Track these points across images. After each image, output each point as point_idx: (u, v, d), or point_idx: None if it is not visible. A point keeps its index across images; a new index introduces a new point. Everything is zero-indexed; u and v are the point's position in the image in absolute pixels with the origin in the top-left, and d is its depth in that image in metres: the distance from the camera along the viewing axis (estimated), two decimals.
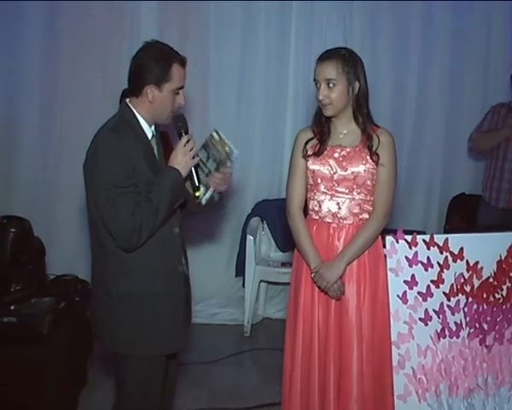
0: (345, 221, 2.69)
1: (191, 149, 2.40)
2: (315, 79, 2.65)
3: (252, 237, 4.59)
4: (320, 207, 2.72)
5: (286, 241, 4.78)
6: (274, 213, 4.80)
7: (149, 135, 2.42)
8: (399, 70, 4.93)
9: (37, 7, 4.54)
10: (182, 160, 2.38)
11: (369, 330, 2.69)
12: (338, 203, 2.69)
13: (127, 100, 2.41)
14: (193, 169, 2.43)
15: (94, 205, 2.33)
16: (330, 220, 2.71)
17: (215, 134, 2.46)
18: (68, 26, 4.60)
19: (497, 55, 4.95)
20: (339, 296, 2.66)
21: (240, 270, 4.81)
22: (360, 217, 2.69)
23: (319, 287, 2.67)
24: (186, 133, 2.43)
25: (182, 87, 2.41)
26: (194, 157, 2.41)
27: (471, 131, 4.37)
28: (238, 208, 4.88)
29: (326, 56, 2.63)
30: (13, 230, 3.51)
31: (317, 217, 2.73)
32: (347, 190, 2.67)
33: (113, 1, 4.62)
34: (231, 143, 2.44)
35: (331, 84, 2.59)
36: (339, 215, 2.69)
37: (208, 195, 2.52)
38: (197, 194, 2.46)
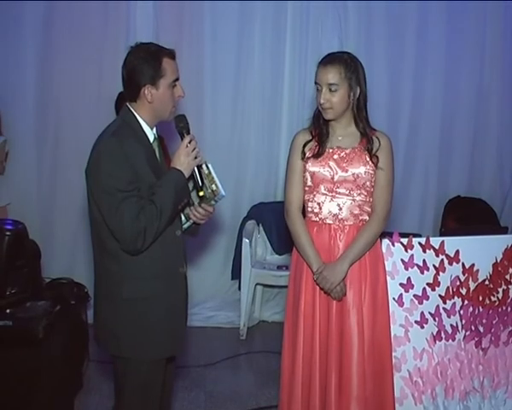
0: (346, 222, 2.69)
1: (193, 149, 2.38)
2: (316, 83, 2.65)
3: (247, 240, 4.58)
4: (320, 208, 2.71)
5: (282, 244, 4.79)
6: (270, 216, 4.81)
7: (151, 138, 2.41)
8: (394, 73, 4.93)
9: (34, 7, 4.53)
10: (184, 160, 2.37)
11: (369, 331, 2.69)
12: (339, 204, 2.69)
13: (127, 103, 2.40)
14: (196, 169, 2.40)
15: (97, 209, 2.31)
16: (331, 222, 2.70)
17: (205, 167, 2.43)
18: (63, 29, 4.59)
19: (493, 59, 4.96)
20: (341, 298, 2.66)
21: (236, 273, 4.80)
22: (360, 218, 2.69)
23: (322, 289, 2.67)
24: (188, 133, 2.41)
25: (177, 79, 2.39)
26: (196, 157, 2.39)
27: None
28: (234, 211, 4.88)
29: (329, 61, 2.63)
30: (8, 233, 3.50)
31: (316, 219, 2.72)
32: (348, 192, 2.67)
33: (109, 1, 4.61)
34: (219, 183, 2.41)
35: (333, 89, 2.60)
36: (340, 216, 2.69)
37: (187, 225, 2.55)
38: (201, 194, 2.43)
